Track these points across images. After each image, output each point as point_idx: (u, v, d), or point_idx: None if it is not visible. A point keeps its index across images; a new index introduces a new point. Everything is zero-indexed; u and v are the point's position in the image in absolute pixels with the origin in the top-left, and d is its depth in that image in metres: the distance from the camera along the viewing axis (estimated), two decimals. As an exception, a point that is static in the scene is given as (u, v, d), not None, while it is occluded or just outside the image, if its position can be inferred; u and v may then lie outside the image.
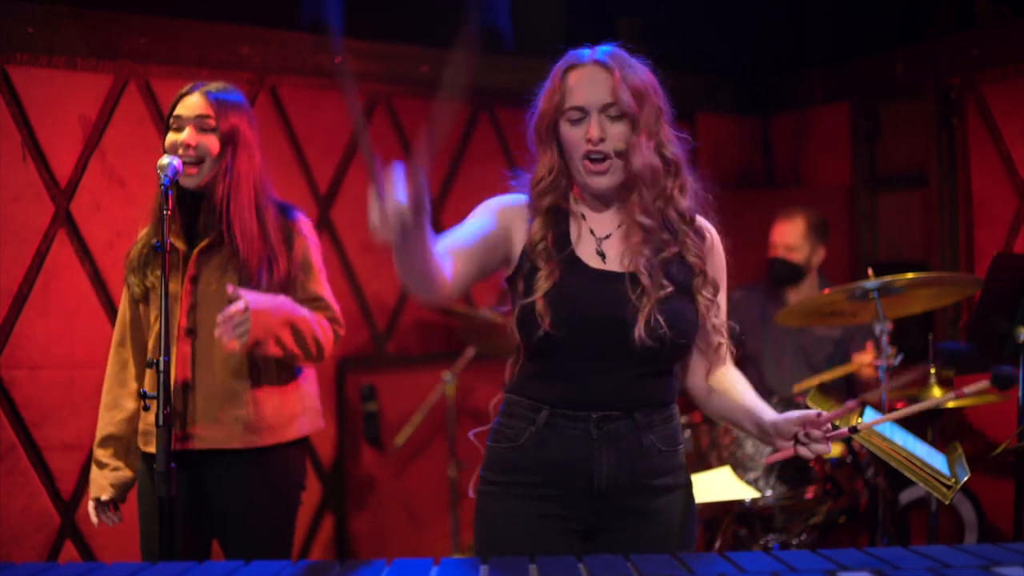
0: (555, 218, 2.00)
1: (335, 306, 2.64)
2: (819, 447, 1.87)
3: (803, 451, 1.88)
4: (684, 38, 4.98)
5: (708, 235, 2.05)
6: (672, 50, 2.05)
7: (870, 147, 4.81)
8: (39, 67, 3.51)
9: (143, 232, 2.59)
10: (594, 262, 1.98)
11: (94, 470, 2.57)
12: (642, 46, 2.02)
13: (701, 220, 2.06)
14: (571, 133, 1.96)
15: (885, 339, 3.29)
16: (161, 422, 2.23)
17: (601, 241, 2.01)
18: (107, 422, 2.57)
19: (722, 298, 2.06)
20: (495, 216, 2.00)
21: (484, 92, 4.36)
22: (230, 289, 2.39)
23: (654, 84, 2.00)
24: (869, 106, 4.77)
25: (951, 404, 3.20)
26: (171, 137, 2.49)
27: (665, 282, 1.94)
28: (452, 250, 1.87)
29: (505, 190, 2.09)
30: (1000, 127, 4.08)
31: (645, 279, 1.93)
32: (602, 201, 2.03)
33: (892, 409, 3.38)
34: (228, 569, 1.58)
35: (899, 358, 3.32)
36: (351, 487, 4.28)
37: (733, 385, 2.06)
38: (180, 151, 2.45)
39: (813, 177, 5.11)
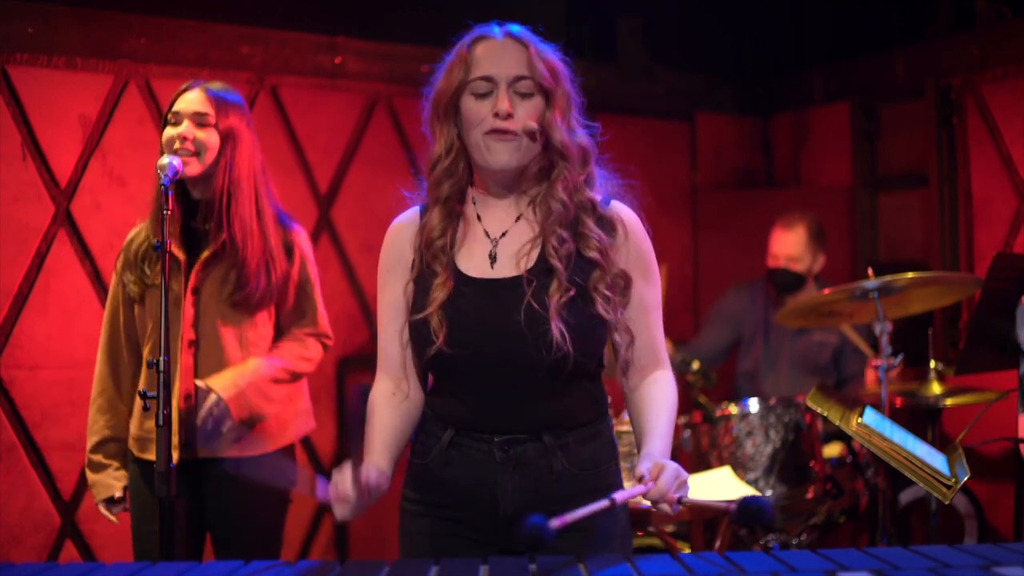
0: (451, 214, 1.85)
1: (324, 320, 2.67)
2: (663, 508, 1.67)
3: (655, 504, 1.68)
4: (684, 38, 4.99)
5: (620, 226, 1.86)
6: (672, 50, 2.04)
7: (870, 147, 4.81)
8: (39, 67, 3.50)
9: (140, 227, 2.58)
10: (482, 271, 1.82)
11: (93, 474, 2.56)
12: (642, 46, 1.97)
13: (615, 210, 1.88)
14: (476, 107, 1.79)
15: (885, 339, 3.29)
16: (161, 422, 2.23)
17: (496, 242, 1.84)
18: (103, 426, 2.56)
19: (645, 300, 1.88)
20: (391, 281, 1.88)
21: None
22: (201, 385, 2.44)
23: (565, 69, 1.86)
24: (869, 106, 4.77)
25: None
26: (168, 132, 2.48)
27: (566, 284, 1.76)
28: (400, 368, 1.88)
29: None
30: (1000, 127, 4.08)
31: (540, 283, 1.76)
32: (501, 187, 1.85)
33: (893, 409, 3.39)
34: (228, 569, 1.58)
35: (899, 358, 3.32)
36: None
37: (647, 401, 1.86)
38: (177, 144, 2.44)
39: (813, 177, 5.11)
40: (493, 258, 1.84)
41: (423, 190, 1.93)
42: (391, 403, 1.89)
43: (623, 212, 1.90)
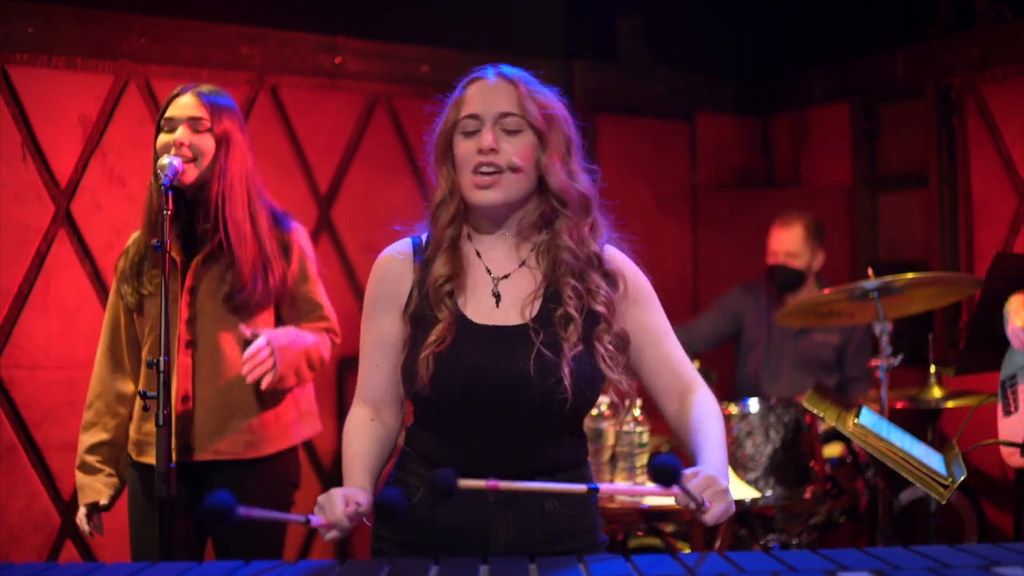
0: (455, 256, 1.83)
1: (332, 315, 2.66)
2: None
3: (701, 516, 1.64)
4: (684, 38, 5.00)
5: (620, 279, 1.85)
6: (672, 50, 2.04)
7: (870, 147, 4.81)
8: (39, 67, 3.51)
9: (133, 238, 2.57)
10: (486, 315, 1.80)
11: (84, 476, 2.54)
12: (642, 46, 1.94)
13: (615, 262, 1.87)
14: (464, 146, 1.80)
15: (885, 339, 3.29)
16: (161, 422, 2.23)
17: (498, 281, 1.83)
18: (101, 428, 2.54)
19: (658, 329, 1.87)
20: (380, 314, 1.87)
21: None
22: (247, 331, 2.41)
23: (565, 113, 1.85)
24: (869, 106, 4.77)
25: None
26: (163, 138, 2.45)
27: (569, 336, 1.76)
28: (381, 398, 1.86)
29: None
30: (1000, 127, 4.08)
31: (548, 333, 1.75)
32: (496, 226, 1.85)
33: (893, 411, 3.39)
34: (228, 569, 1.58)
35: (899, 358, 3.32)
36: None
37: (692, 423, 1.83)
38: (173, 151, 2.41)
39: (813, 177, 5.11)
40: (497, 296, 1.83)
41: (420, 225, 1.92)
42: (369, 429, 1.86)
43: (620, 262, 1.89)
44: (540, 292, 1.81)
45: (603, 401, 2.95)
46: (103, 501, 2.52)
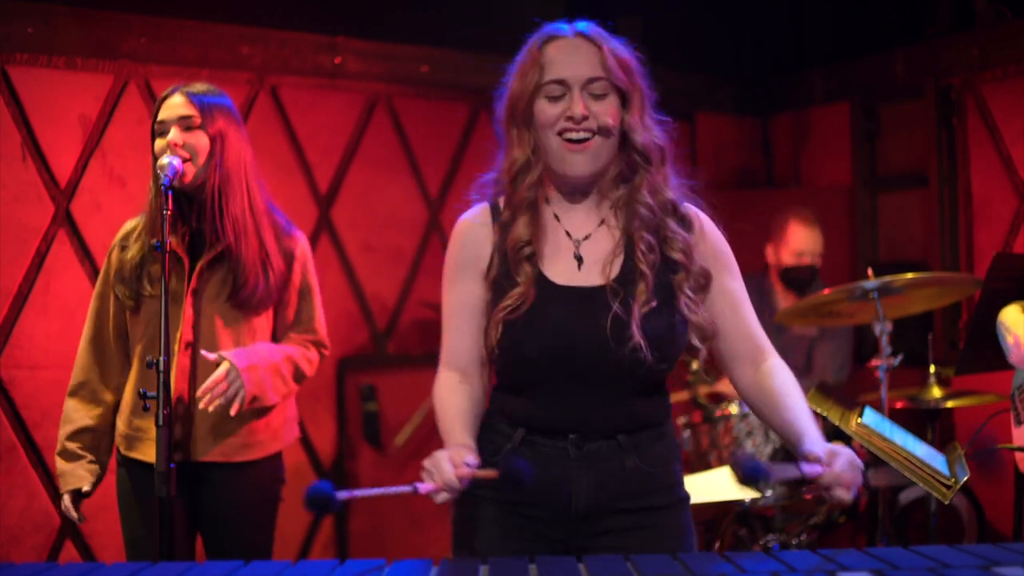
0: (534, 220, 1.83)
1: (323, 328, 2.65)
2: (839, 493, 1.66)
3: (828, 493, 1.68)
4: (684, 38, 4.99)
5: (696, 222, 1.87)
6: (672, 50, 2.03)
7: (870, 147, 4.81)
8: (39, 67, 3.51)
9: (132, 225, 2.54)
10: (568, 276, 1.82)
11: (65, 463, 2.50)
12: (642, 46, 1.95)
13: (687, 207, 1.89)
14: (548, 110, 1.78)
15: (885, 339, 3.29)
16: (161, 422, 2.23)
17: (579, 243, 1.84)
18: (84, 415, 2.52)
19: (735, 293, 1.88)
20: (463, 279, 1.87)
21: (484, 92, 4.35)
22: (210, 356, 2.38)
23: (638, 66, 1.86)
24: (869, 106, 4.77)
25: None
26: (158, 143, 2.44)
27: (650, 296, 1.77)
28: (467, 362, 1.86)
29: None
30: (1000, 127, 4.08)
31: (626, 293, 1.77)
32: (579, 192, 1.85)
33: (893, 410, 3.39)
34: (228, 569, 1.57)
35: (899, 358, 3.32)
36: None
37: (776, 391, 1.84)
38: (169, 152, 2.40)
39: (813, 177, 5.11)
40: (579, 259, 1.83)
41: (487, 186, 1.91)
42: (460, 390, 1.87)
43: (693, 210, 1.90)
44: (620, 250, 1.82)
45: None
46: (85, 487, 2.49)
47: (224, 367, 2.37)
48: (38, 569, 1.58)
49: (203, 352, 2.41)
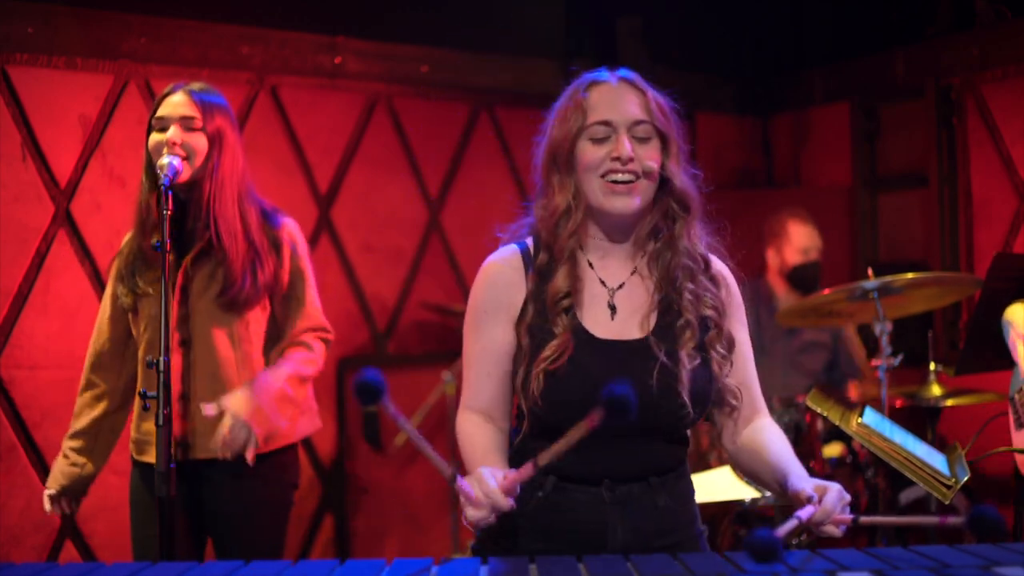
0: (573, 269, 1.81)
1: (319, 315, 2.64)
2: (829, 530, 1.69)
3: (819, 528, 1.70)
4: (684, 38, 4.99)
5: (723, 281, 1.88)
6: (672, 50, 2.03)
7: (870, 147, 4.81)
8: (39, 67, 3.51)
9: (126, 239, 2.57)
10: (604, 326, 1.80)
11: (55, 463, 2.58)
12: (642, 46, 1.94)
13: (718, 265, 1.89)
14: (593, 152, 1.77)
15: (885, 339, 3.28)
16: (161, 422, 2.23)
17: (613, 292, 1.83)
18: (84, 416, 2.57)
19: (745, 349, 1.89)
20: (491, 324, 1.83)
21: (484, 92, 4.36)
22: (210, 410, 2.39)
23: (676, 116, 1.86)
24: (869, 106, 4.77)
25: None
26: (155, 138, 2.44)
27: (688, 351, 1.77)
28: (490, 407, 1.83)
29: (504, 190, 2.03)
30: (1000, 127, 4.08)
31: (668, 346, 1.76)
32: (616, 236, 1.84)
33: (893, 409, 3.39)
34: (228, 569, 1.57)
35: (899, 358, 3.31)
36: (351, 487, 4.28)
37: (762, 442, 1.87)
38: (166, 150, 2.40)
39: (813, 177, 5.11)
40: (613, 308, 1.82)
41: (520, 226, 1.90)
42: (488, 428, 1.85)
43: (720, 265, 1.91)
44: (655, 302, 1.82)
45: None
46: (50, 489, 2.54)
47: (227, 424, 2.39)
48: (38, 569, 1.58)
49: (202, 405, 2.42)
